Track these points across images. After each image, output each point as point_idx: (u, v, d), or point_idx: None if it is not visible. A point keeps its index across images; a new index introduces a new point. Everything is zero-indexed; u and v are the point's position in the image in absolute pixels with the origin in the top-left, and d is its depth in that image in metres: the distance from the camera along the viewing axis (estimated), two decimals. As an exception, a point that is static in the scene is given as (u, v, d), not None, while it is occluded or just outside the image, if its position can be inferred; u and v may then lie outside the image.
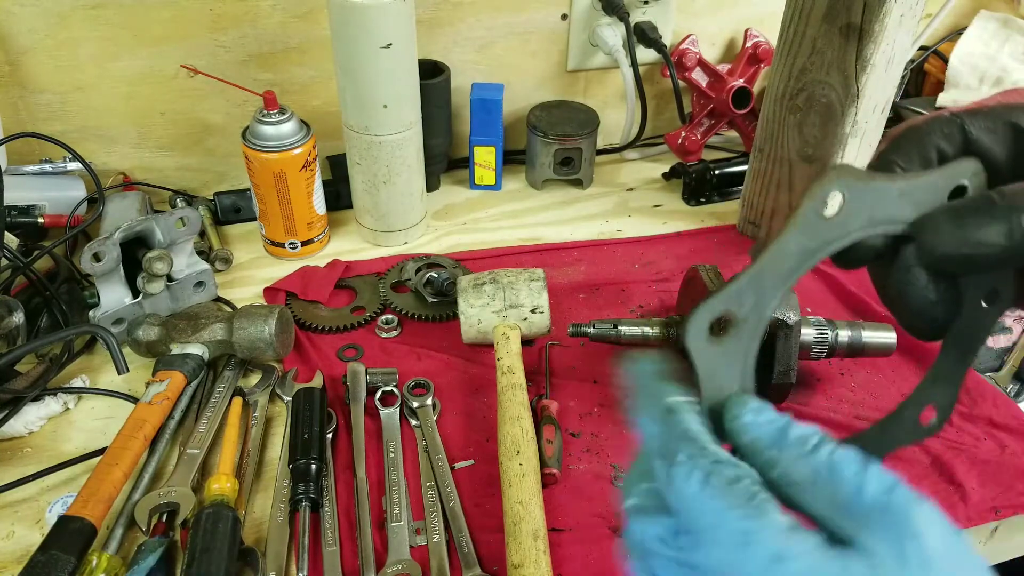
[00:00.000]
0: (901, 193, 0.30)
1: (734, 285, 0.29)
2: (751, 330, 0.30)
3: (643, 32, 0.96)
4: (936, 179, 0.30)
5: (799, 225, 0.29)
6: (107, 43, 0.81)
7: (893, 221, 0.30)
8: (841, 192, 0.29)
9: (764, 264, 0.29)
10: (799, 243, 0.29)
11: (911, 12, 0.69)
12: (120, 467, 0.55)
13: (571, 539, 0.56)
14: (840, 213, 0.29)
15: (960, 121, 0.30)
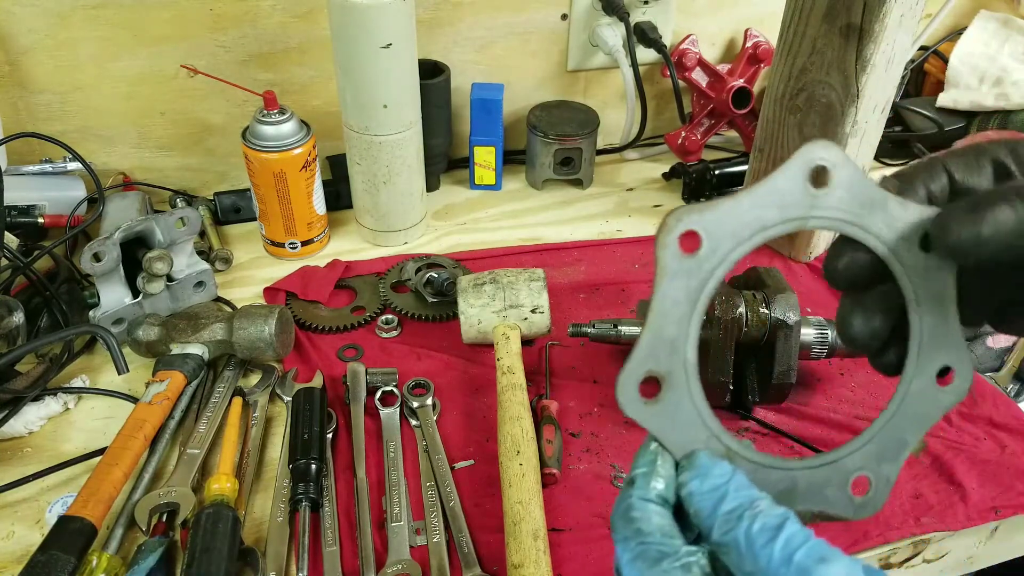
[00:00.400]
0: (752, 204, 0.30)
1: (638, 350, 0.30)
2: (682, 378, 0.31)
3: (643, 32, 0.96)
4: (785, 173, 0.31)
5: (667, 274, 0.30)
6: (107, 43, 0.81)
7: (763, 228, 0.31)
8: (692, 228, 0.30)
9: (655, 320, 0.30)
10: (679, 288, 0.30)
11: (911, 12, 0.69)
12: (120, 467, 0.55)
13: (571, 539, 0.56)
14: (702, 247, 0.30)
15: (943, 164, 0.31)
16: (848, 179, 0.31)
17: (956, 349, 0.32)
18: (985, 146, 0.31)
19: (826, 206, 0.31)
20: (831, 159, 0.31)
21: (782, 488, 0.32)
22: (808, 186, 0.31)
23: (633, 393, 0.30)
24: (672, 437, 0.31)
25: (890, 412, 0.32)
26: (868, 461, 0.32)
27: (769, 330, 0.62)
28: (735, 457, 0.32)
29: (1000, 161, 0.31)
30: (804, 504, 0.32)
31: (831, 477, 0.32)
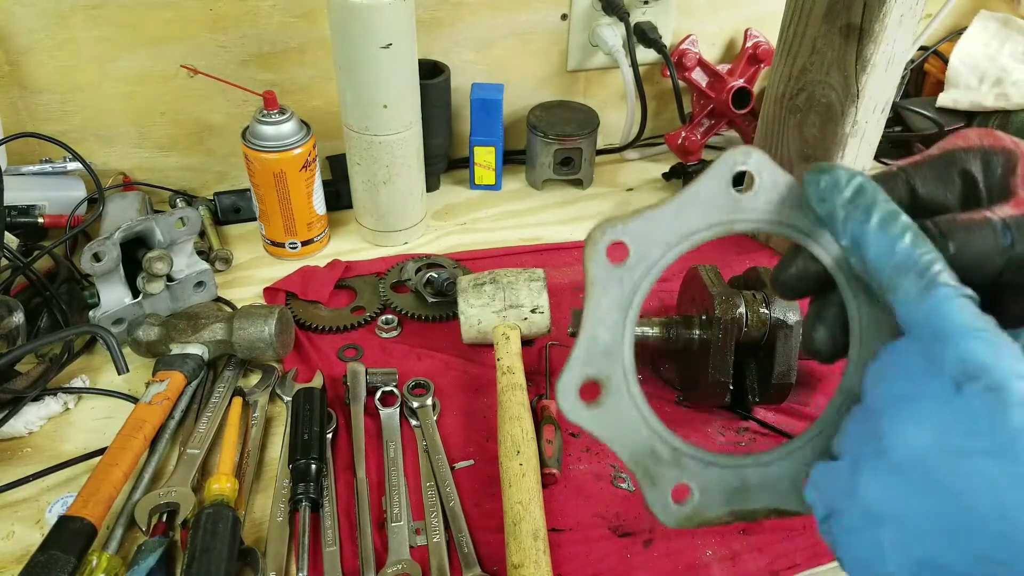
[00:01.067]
0: (677, 212, 0.31)
1: (574, 357, 0.31)
2: (621, 382, 0.31)
3: (643, 32, 0.96)
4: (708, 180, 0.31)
5: (597, 284, 0.31)
6: (107, 43, 0.81)
7: (689, 234, 0.31)
8: (618, 239, 0.31)
9: (589, 327, 0.31)
10: (611, 297, 0.31)
11: (911, 12, 0.69)
12: (120, 467, 0.55)
13: (571, 539, 0.56)
14: (630, 255, 0.31)
15: (905, 175, 0.31)
16: (772, 182, 0.31)
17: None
18: (956, 155, 0.31)
19: (751, 208, 0.31)
20: (753, 163, 0.31)
21: (734, 487, 0.32)
22: (731, 191, 0.31)
23: (574, 399, 0.31)
24: (616, 439, 0.31)
25: (835, 404, 0.32)
26: (819, 455, 0.32)
27: (769, 330, 0.62)
28: (681, 457, 0.32)
29: (969, 173, 0.30)
30: (758, 502, 0.32)
31: (783, 474, 0.32)
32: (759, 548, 0.56)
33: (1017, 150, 0.30)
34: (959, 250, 0.27)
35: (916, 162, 0.31)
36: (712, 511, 0.32)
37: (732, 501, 0.32)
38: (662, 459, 0.32)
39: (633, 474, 0.32)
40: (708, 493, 0.32)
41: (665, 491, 0.32)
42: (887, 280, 0.27)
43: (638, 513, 0.58)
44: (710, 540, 0.57)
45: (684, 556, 0.55)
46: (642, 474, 0.32)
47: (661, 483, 0.32)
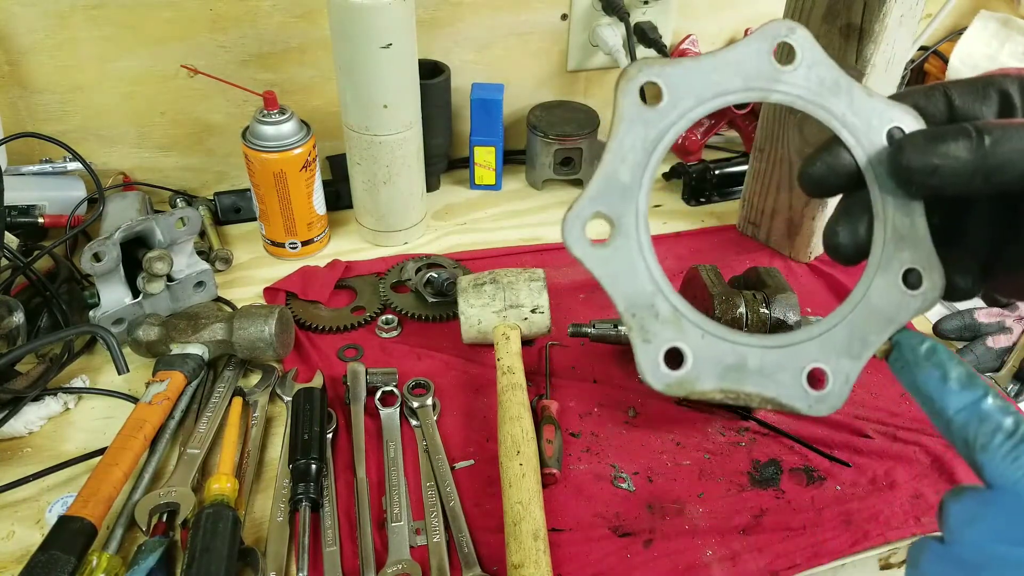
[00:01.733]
0: (715, 67, 0.30)
1: (590, 188, 0.30)
2: (632, 226, 0.30)
3: (643, 32, 0.96)
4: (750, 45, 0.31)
5: (624, 120, 0.30)
6: (107, 43, 0.81)
7: (724, 93, 0.31)
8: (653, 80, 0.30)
9: (610, 163, 0.30)
10: (636, 136, 0.30)
11: (911, 12, 0.69)
12: (120, 467, 0.55)
13: (571, 539, 0.56)
14: (663, 100, 0.30)
15: (944, 88, 0.31)
16: (813, 59, 0.31)
17: (924, 253, 0.31)
18: (995, 77, 0.31)
19: (789, 82, 0.31)
20: (796, 38, 0.31)
21: (730, 363, 0.30)
22: (772, 60, 0.31)
23: (580, 231, 0.30)
24: (615, 284, 0.30)
25: (851, 303, 0.31)
26: (826, 353, 0.31)
27: (769, 330, 0.62)
28: (681, 319, 0.30)
29: (1007, 92, 0.30)
30: (755, 386, 0.30)
31: (785, 362, 0.30)
32: (759, 548, 0.56)
33: None
34: (993, 144, 0.27)
35: (956, 80, 0.32)
36: (704, 383, 0.30)
37: (726, 378, 0.30)
38: (661, 316, 0.30)
39: (627, 327, 0.30)
40: (702, 363, 0.30)
41: (658, 351, 0.30)
42: (973, 437, 0.27)
43: (638, 513, 0.58)
44: (710, 540, 0.57)
45: (684, 556, 0.55)
46: (637, 329, 0.30)
47: (655, 341, 0.30)
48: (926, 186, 0.30)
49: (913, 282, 0.31)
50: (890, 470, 0.61)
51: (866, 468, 0.62)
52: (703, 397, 0.30)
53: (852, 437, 0.64)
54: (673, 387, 0.30)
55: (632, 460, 0.62)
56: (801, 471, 0.62)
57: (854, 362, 0.31)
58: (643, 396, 0.68)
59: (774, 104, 0.79)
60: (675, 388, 0.30)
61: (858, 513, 0.59)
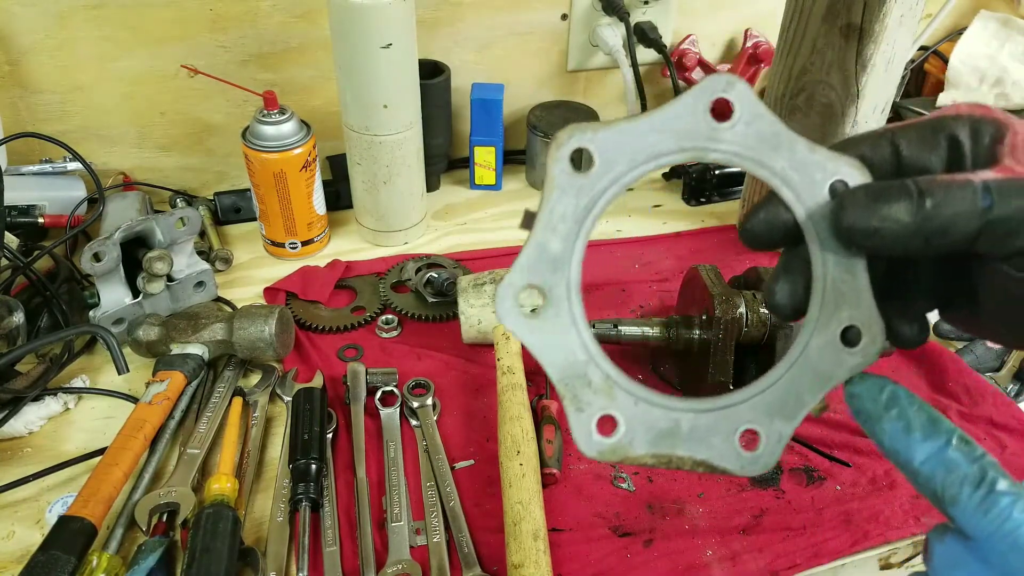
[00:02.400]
0: (650, 128, 0.30)
1: (520, 260, 0.30)
2: (563, 296, 0.30)
3: (643, 32, 0.96)
4: (686, 103, 0.30)
5: (556, 189, 0.30)
6: (107, 43, 0.81)
7: (658, 155, 0.30)
8: (585, 146, 0.29)
9: (540, 233, 0.30)
10: (567, 204, 0.30)
11: (911, 12, 0.69)
12: (120, 467, 0.55)
13: (571, 539, 0.56)
14: (595, 166, 0.30)
15: (891, 136, 0.31)
16: (752, 114, 0.30)
17: (865, 309, 0.30)
18: (945, 120, 0.30)
19: (726, 139, 0.30)
20: (735, 93, 0.30)
21: (663, 428, 0.30)
22: (709, 117, 0.30)
23: (512, 303, 0.30)
24: (548, 355, 0.30)
25: (786, 364, 0.31)
26: (758, 414, 0.30)
27: (769, 330, 0.62)
28: (614, 387, 0.30)
29: (956, 138, 0.30)
30: (687, 450, 0.30)
31: (717, 425, 0.30)
32: (759, 548, 0.56)
33: (1008, 122, 0.30)
34: (935, 207, 0.27)
35: (905, 125, 0.31)
36: (636, 449, 0.30)
37: (659, 444, 0.30)
38: (593, 384, 0.30)
39: (559, 396, 0.30)
40: (635, 430, 0.30)
41: (591, 419, 0.30)
42: (941, 491, 0.26)
43: (638, 513, 0.58)
44: (710, 540, 0.57)
45: (684, 556, 0.55)
46: (570, 398, 0.30)
47: (588, 410, 0.30)
48: (866, 247, 0.29)
49: (852, 339, 0.30)
50: (890, 470, 0.61)
51: (866, 468, 0.62)
52: (636, 463, 0.31)
53: (852, 437, 0.64)
54: (606, 454, 0.30)
55: (632, 460, 0.62)
56: (801, 471, 0.62)
57: (787, 422, 0.31)
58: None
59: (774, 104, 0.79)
60: (608, 455, 0.30)
61: (858, 513, 0.59)
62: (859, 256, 0.30)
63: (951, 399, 0.68)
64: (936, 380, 0.70)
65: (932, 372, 0.71)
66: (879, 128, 0.32)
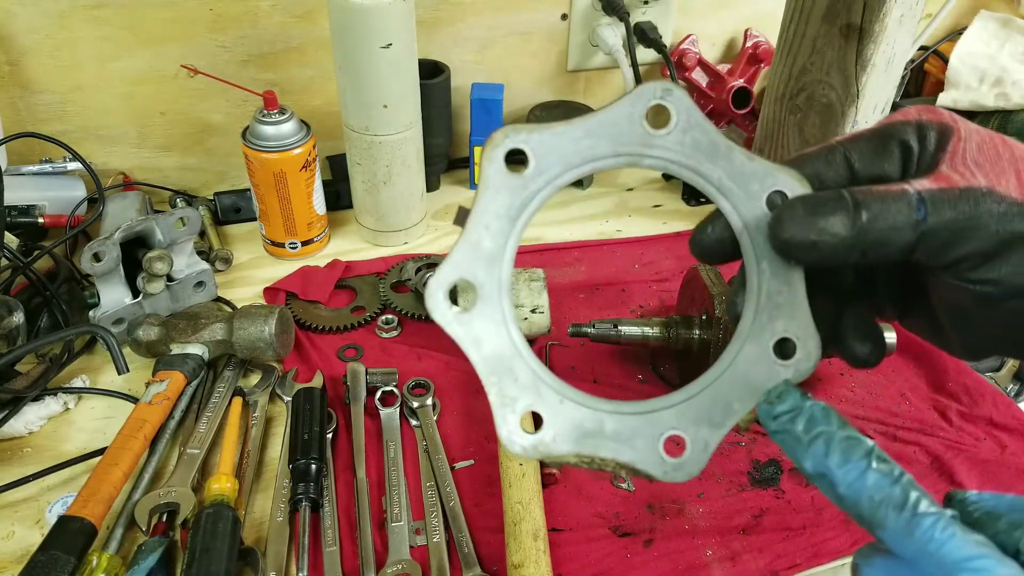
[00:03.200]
0: (586, 133, 0.30)
1: (452, 256, 0.30)
2: (494, 293, 0.30)
3: (643, 32, 0.96)
4: (622, 108, 0.30)
5: (490, 188, 0.30)
6: (107, 43, 0.81)
7: (593, 159, 0.30)
8: (519, 147, 0.30)
9: (473, 231, 0.30)
10: (501, 204, 0.30)
11: (911, 12, 0.69)
12: (120, 467, 0.55)
13: (571, 539, 0.56)
14: (529, 166, 0.30)
15: (844, 150, 0.30)
16: (689, 122, 0.30)
17: (801, 321, 0.30)
18: (894, 127, 0.30)
19: (662, 146, 0.30)
20: (672, 100, 0.30)
21: (588, 428, 0.30)
22: (645, 124, 0.30)
23: (442, 297, 0.30)
24: (478, 349, 0.31)
25: (715, 372, 0.30)
26: (684, 420, 0.30)
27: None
28: (540, 384, 0.30)
29: (906, 143, 0.30)
30: (611, 451, 0.30)
31: (641, 428, 0.30)
32: (759, 548, 0.56)
33: (955, 126, 0.29)
34: (870, 221, 0.27)
35: (856, 135, 0.31)
36: (559, 447, 0.30)
37: (582, 443, 0.30)
38: (519, 381, 0.30)
39: (486, 390, 0.30)
40: (559, 428, 0.30)
41: (516, 414, 0.30)
42: (867, 514, 0.26)
43: (638, 513, 0.58)
44: (710, 540, 0.57)
45: (684, 556, 0.55)
46: (496, 392, 0.30)
47: (513, 406, 0.30)
48: (804, 260, 0.29)
49: (787, 351, 0.30)
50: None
51: (866, 468, 0.62)
52: (559, 461, 0.31)
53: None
54: (529, 450, 0.30)
55: (632, 460, 0.62)
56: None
57: (715, 430, 0.30)
58: (643, 397, 0.68)
59: (774, 104, 0.80)
60: (531, 452, 0.30)
61: (858, 513, 0.59)
62: (796, 268, 0.30)
63: (951, 399, 0.68)
64: (936, 380, 0.70)
65: (932, 372, 0.71)
66: (830, 142, 0.31)
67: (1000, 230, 0.27)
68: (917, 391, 0.70)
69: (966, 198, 0.27)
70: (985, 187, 0.27)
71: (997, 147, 0.29)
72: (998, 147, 0.29)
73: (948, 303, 0.31)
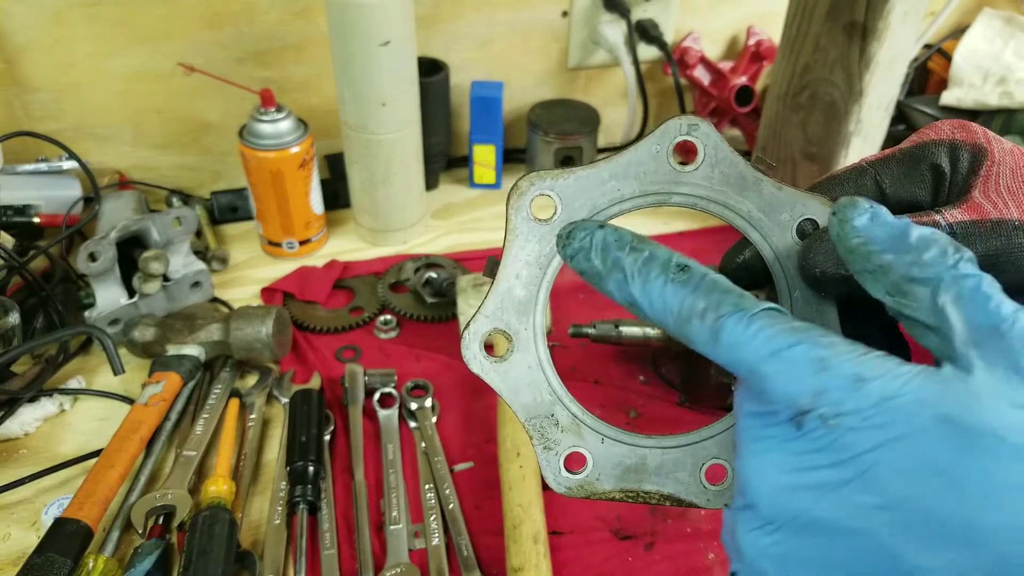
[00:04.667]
0: (613, 174, 0.30)
1: (486, 307, 0.31)
2: (530, 340, 0.31)
3: (644, 29, 0.95)
4: (648, 146, 0.30)
5: (518, 237, 0.30)
6: (103, 41, 0.80)
7: (620, 200, 0.30)
8: (546, 193, 0.30)
9: (505, 281, 0.30)
10: (530, 252, 0.30)
11: (915, 10, 0.68)
12: (116, 469, 0.55)
13: (571, 542, 0.56)
14: (557, 213, 0.30)
15: (874, 172, 0.30)
16: (716, 156, 0.30)
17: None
18: (925, 148, 0.30)
19: (690, 183, 0.30)
20: (699, 135, 0.30)
21: (630, 464, 0.31)
22: (672, 161, 0.30)
23: (478, 349, 0.31)
24: (515, 397, 0.31)
25: None
26: (724, 449, 0.31)
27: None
28: (581, 426, 0.31)
29: (938, 166, 0.29)
30: (654, 485, 0.31)
31: (684, 460, 0.31)
32: (761, 551, 0.55)
33: (988, 148, 0.29)
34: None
35: (886, 156, 0.30)
36: (604, 485, 0.31)
37: (626, 479, 0.31)
38: (561, 424, 0.31)
39: (528, 435, 0.31)
40: (602, 466, 0.31)
41: (560, 457, 0.31)
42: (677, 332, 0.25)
43: (640, 516, 0.58)
44: (712, 543, 0.56)
45: (686, 559, 0.55)
46: (538, 437, 0.31)
47: (556, 448, 0.31)
48: (835, 293, 0.29)
49: None
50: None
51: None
52: (604, 498, 0.32)
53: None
54: (575, 490, 0.31)
55: (633, 462, 0.62)
56: (803, 473, 0.61)
57: None
58: (644, 397, 0.67)
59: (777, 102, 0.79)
60: (576, 491, 0.31)
61: (861, 516, 0.58)
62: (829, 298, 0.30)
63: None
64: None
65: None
66: (858, 163, 0.31)
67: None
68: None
69: (997, 232, 0.27)
70: (1018, 220, 0.27)
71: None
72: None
73: None
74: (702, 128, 0.30)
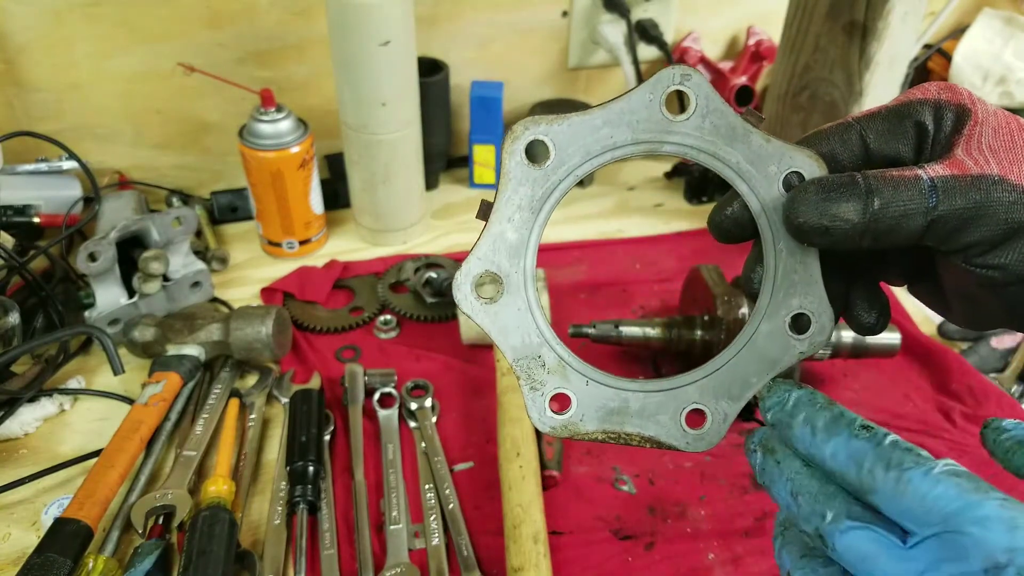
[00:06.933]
0: (606, 121, 0.31)
1: (478, 249, 0.31)
2: (520, 283, 0.32)
3: (644, 29, 0.95)
4: (641, 95, 0.30)
5: (511, 181, 0.31)
6: (103, 41, 0.80)
7: (613, 147, 0.31)
8: (540, 138, 0.30)
9: (497, 224, 0.31)
10: (523, 195, 0.31)
11: (915, 10, 0.68)
12: (116, 469, 0.55)
13: (571, 542, 0.56)
14: (550, 158, 0.31)
15: (859, 127, 0.30)
16: (707, 107, 0.30)
17: (816, 297, 0.31)
18: (911, 106, 0.30)
19: (681, 131, 0.31)
20: (691, 85, 0.30)
21: (613, 407, 0.32)
22: (664, 110, 0.30)
23: (469, 289, 0.31)
24: (504, 338, 0.32)
25: (735, 348, 0.32)
26: (705, 395, 0.32)
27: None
28: (567, 368, 0.32)
29: (922, 123, 0.30)
30: (635, 427, 0.32)
31: (665, 404, 0.32)
32: (761, 551, 0.55)
33: (972, 108, 0.29)
34: (882, 208, 0.27)
35: (872, 113, 0.31)
36: (587, 426, 0.32)
37: (609, 421, 0.32)
38: (547, 365, 0.32)
39: (516, 375, 0.32)
40: (586, 407, 0.32)
41: (545, 397, 0.32)
42: (856, 481, 0.26)
43: (639, 516, 0.58)
44: (712, 543, 0.56)
45: (686, 559, 0.55)
46: (525, 377, 0.32)
47: (542, 389, 0.32)
48: (817, 244, 0.30)
49: (802, 326, 0.31)
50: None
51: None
52: (586, 438, 0.32)
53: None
54: (558, 429, 0.32)
55: (633, 462, 0.62)
56: (803, 473, 0.61)
57: (733, 403, 0.32)
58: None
59: (777, 102, 0.79)
60: (560, 431, 0.32)
61: (861, 516, 0.58)
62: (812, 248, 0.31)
63: (955, 400, 0.68)
64: (940, 381, 0.70)
65: (936, 373, 0.70)
66: (845, 119, 0.31)
67: (1009, 219, 0.27)
68: (921, 392, 0.69)
69: (977, 186, 0.27)
70: (997, 175, 0.27)
71: (1013, 133, 0.29)
72: (1014, 133, 0.29)
73: (954, 283, 0.31)
74: (694, 78, 0.30)
